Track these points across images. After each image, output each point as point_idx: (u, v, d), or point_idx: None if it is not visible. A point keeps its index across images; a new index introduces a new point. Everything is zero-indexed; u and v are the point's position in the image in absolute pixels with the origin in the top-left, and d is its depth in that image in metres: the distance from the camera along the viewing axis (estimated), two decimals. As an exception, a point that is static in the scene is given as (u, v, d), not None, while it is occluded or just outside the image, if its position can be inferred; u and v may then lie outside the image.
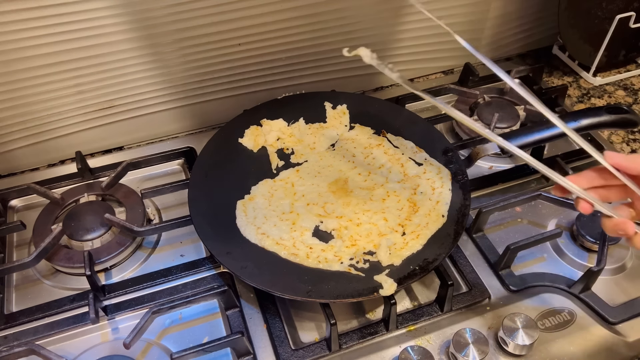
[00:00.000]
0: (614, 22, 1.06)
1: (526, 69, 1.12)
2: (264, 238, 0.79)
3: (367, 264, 0.75)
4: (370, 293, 0.72)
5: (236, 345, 0.71)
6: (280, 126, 0.95)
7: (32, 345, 0.70)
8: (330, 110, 0.98)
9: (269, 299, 0.78)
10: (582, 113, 0.84)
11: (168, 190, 0.91)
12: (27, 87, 0.89)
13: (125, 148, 1.04)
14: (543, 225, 0.88)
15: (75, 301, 0.79)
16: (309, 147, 0.93)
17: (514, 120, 1.01)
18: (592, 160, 0.96)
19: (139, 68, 0.94)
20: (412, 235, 0.78)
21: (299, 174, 0.89)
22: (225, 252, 0.77)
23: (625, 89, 1.15)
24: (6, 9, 0.80)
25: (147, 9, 0.86)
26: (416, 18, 1.06)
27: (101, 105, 0.97)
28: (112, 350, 0.74)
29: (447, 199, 0.83)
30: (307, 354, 0.72)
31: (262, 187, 0.87)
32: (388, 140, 0.93)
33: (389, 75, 0.59)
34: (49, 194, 0.88)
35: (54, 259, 0.81)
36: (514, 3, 1.13)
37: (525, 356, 0.72)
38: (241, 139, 0.93)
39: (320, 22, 1.00)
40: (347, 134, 0.95)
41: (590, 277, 0.77)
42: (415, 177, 0.86)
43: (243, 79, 1.03)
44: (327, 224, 0.80)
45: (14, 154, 0.97)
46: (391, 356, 0.73)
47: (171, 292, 0.80)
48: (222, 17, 0.92)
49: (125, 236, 0.84)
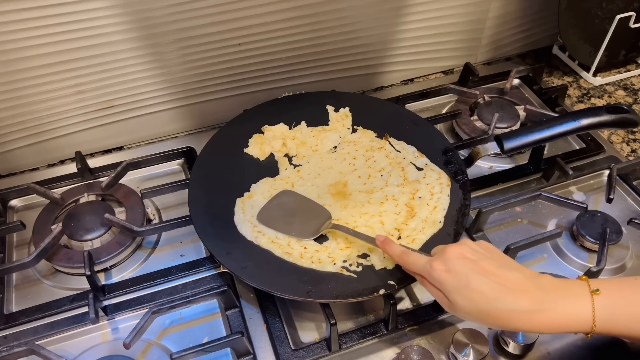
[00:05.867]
0: (614, 22, 1.06)
1: (526, 69, 1.13)
2: (259, 236, 0.79)
3: (360, 267, 0.75)
4: (370, 293, 0.72)
5: (236, 345, 0.71)
6: (282, 130, 0.95)
7: (32, 345, 0.70)
8: (333, 113, 0.98)
9: (269, 299, 0.78)
10: (582, 113, 0.84)
11: (168, 190, 0.91)
12: (27, 87, 0.89)
13: (125, 148, 1.04)
14: (543, 225, 0.88)
15: (75, 301, 0.79)
16: (311, 149, 0.93)
17: (514, 120, 1.01)
18: (592, 160, 0.97)
19: (139, 68, 0.94)
20: (408, 239, 0.78)
21: (299, 174, 0.89)
22: (225, 252, 0.77)
23: (625, 89, 1.15)
24: (6, 9, 0.80)
25: (147, 9, 0.86)
26: (416, 18, 1.06)
27: (101, 105, 0.97)
28: (112, 350, 0.74)
29: (445, 205, 0.82)
30: (307, 354, 0.72)
31: (262, 186, 0.87)
32: (390, 144, 0.93)
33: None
34: (48, 194, 0.88)
35: (54, 259, 0.81)
36: (514, 3, 1.13)
37: (525, 356, 0.72)
38: (246, 148, 0.92)
39: (320, 22, 1.00)
40: (350, 136, 0.95)
41: (590, 277, 0.76)
42: (414, 182, 0.86)
43: (243, 79, 1.03)
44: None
45: (14, 154, 0.97)
46: (391, 356, 0.73)
47: (171, 292, 0.80)
48: (222, 17, 0.92)
49: (125, 236, 0.84)
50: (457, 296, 0.60)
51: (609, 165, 0.94)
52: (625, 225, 0.86)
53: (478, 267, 0.60)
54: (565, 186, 0.94)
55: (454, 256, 0.61)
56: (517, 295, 0.58)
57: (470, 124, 1.02)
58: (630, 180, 0.94)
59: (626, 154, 1.01)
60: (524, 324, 0.58)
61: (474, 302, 0.59)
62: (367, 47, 1.08)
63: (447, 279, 0.61)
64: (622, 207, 0.91)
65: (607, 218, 0.84)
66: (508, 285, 0.59)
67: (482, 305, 0.58)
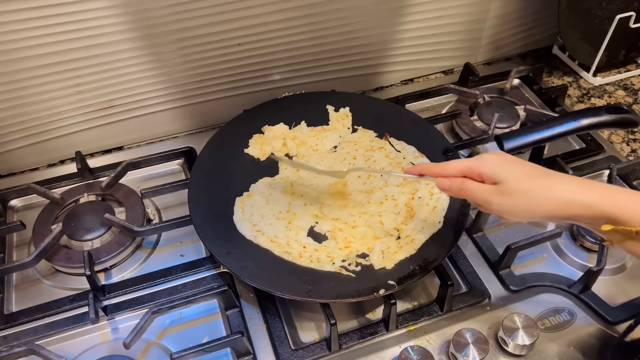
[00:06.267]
0: (614, 22, 1.06)
1: (526, 69, 1.13)
2: (259, 235, 0.79)
3: (358, 266, 0.76)
4: (370, 293, 0.72)
5: (236, 345, 0.71)
6: (282, 130, 0.95)
7: (32, 345, 0.70)
8: (333, 112, 0.98)
9: (268, 299, 0.78)
10: (582, 113, 0.84)
11: (168, 190, 0.91)
12: (27, 87, 0.89)
13: (125, 148, 1.04)
14: (543, 225, 0.88)
15: (75, 301, 0.79)
16: (311, 148, 0.93)
17: (514, 120, 1.01)
18: (592, 160, 0.97)
19: (139, 68, 0.94)
20: (407, 239, 0.78)
21: (298, 173, 0.89)
22: (225, 252, 0.77)
23: (625, 89, 1.15)
24: (6, 9, 0.80)
25: (147, 9, 0.86)
26: (416, 18, 1.06)
27: (101, 105, 0.97)
28: (112, 350, 0.74)
29: (444, 205, 0.82)
30: (307, 354, 0.72)
31: (261, 185, 0.87)
32: (390, 144, 0.93)
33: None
34: (48, 194, 0.88)
35: (54, 259, 0.81)
36: (514, 3, 1.13)
37: (525, 356, 0.72)
38: (247, 149, 0.92)
39: (320, 22, 1.00)
40: (350, 136, 0.95)
41: (590, 277, 0.77)
42: (414, 182, 0.86)
43: (243, 79, 1.03)
44: (322, 226, 0.81)
45: (14, 154, 0.97)
46: (391, 356, 0.73)
47: (171, 292, 0.80)
48: (222, 17, 0.92)
49: (125, 236, 0.84)
50: (510, 175, 0.61)
51: (609, 165, 0.94)
52: (625, 225, 0.86)
53: (525, 165, 0.63)
54: (565, 186, 0.94)
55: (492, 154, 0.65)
56: (576, 183, 0.60)
57: (470, 124, 1.02)
58: (630, 180, 0.94)
59: (626, 154, 1.01)
60: (571, 193, 0.59)
61: (527, 182, 0.60)
62: (367, 47, 1.07)
63: (501, 162, 0.62)
64: (622, 207, 0.91)
65: (607, 218, 0.84)
66: (564, 177, 0.62)
67: (536, 182, 0.60)
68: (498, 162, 0.62)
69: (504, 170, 0.61)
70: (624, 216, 0.56)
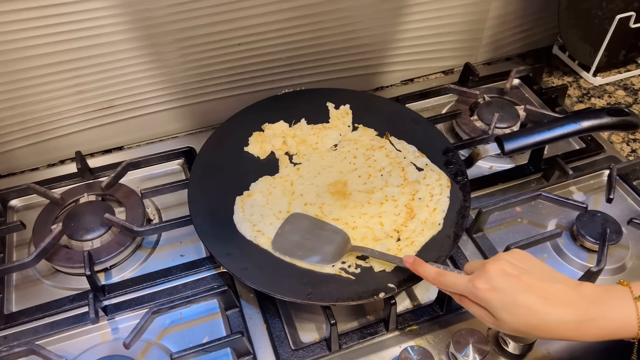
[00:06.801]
0: (614, 22, 1.06)
1: (526, 69, 1.13)
2: (259, 235, 0.79)
3: (358, 268, 0.75)
4: (370, 296, 0.72)
5: (236, 345, 0.71)
6: (282, 128, 0.95)
7: (32, 345, 0.70)
8: (333, 110, 0.98)
9: (269, 299, 0.78)
10: (583, 115, 0.84)
11: (168, 190, 0.91)
12: (27, 87, 0.89)
13: (125, 148, 1.04)
14: (543, 225, 0.88)
15: (75, 301, 0.79)
16: (311, 147, 0.93)
17: (514, 120, 1.01)
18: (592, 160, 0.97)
19: (139, 68, 0.94)
20: (407, 241, 0.78)
21: (299, 172, 0.89)
22: (225, 253, 0.77)
23: (625, 89, 1.15)
24: (6, 9, 0.80)
25: (147, 8, 0.86)
26: (416, 18, 1.06)
27: (101, 105, 0.97)
28: (112, 350, 0.74)
29: (444, 207, 0.82)
30: (307, 354, 0.72)
31: (261, 184, 0.87)
32: (391, 143, 0.93)
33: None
34: (48, 194, 0.88)
35: (54, 259, 0.81)
36: (514, 3, 1.13)
37: (525, 356, 0.72)
38: (246, 147, 0.92)
39: (320, 22, 1.00)
40: (350, 134, 0.95)
41: (590, 277, 0.77)
42: (414, 183, 0.86)
43: (243, 79, 1.03)
44: None
45: (14, 154, 0.97)
46: (391, 356, 0.73)
47: (171, 292, 0.80)
48: (222, 17, 0.92)
49: (125, 236, 0.84)
50: (504, 313, 0.60)
51: (609, 165, 0.94)
52: (625, 225, 0.86)
53: (522, 282, 0.60)
54: (565, 186, 0.94)
55: (496, 273, 0.61)
56: (563, 307, 0.58)
57: (471, 124, 1.02)
58: (630, 180, 0.94)
59: (626, 154, 1.01)
60: (571, 334, 0.59)
61: (521, 317, 0.59)
62: (367, 47, 1.07)
63: (493, 297, 0.60)
64: (622, 207, 0.91)
65: (607, 218, 0.84)
66: (553, 298, 0.59)
67: (530, 319, 0.59)
68: (489, 292, 0.60)
69: (496, 300, 0.60)
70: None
